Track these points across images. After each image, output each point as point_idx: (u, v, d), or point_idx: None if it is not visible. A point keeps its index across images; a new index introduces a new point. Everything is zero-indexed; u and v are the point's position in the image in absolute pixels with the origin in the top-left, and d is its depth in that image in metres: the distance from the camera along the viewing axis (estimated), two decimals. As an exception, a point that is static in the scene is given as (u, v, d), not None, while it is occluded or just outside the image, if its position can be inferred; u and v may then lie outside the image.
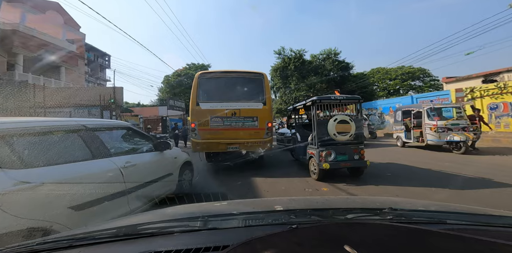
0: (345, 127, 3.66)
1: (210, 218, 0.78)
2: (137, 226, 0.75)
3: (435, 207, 0.99)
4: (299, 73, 22.51)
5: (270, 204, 1.13)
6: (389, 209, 0.79)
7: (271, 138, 4.76)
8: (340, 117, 3.71)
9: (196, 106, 4.58)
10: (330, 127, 3.65)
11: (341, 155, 3.65)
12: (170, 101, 14.90)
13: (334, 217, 0.81)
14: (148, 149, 2.67)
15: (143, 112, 21.10)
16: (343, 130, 3.65)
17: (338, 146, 3.69)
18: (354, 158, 3.68)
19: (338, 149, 3.66)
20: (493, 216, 0.82)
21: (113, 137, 2.51)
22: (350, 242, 0.46)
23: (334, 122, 3.63)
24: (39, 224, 1.28)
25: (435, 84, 22.42)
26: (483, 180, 3.54)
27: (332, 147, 3.65)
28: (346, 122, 3.66)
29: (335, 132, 3.62)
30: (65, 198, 1.47)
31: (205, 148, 4.73)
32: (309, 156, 4.01)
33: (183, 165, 3.17)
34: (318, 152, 3.62)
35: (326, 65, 23.01)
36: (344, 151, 3.67)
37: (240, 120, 4.57)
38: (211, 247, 0.54)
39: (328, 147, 3.64)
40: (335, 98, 3.87)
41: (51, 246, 0.61)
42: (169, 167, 2.82)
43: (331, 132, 3.64)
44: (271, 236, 0.54)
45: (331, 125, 3.64)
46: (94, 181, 1.71)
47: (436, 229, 0.55)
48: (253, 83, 4.89)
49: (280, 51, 23.78)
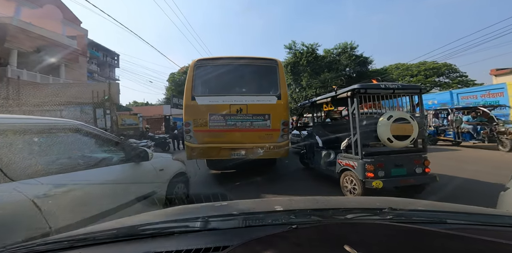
0: (404, 128, 2.70)
1: (210, 218, 0.79)
2: (137, 226, 0.76)
3: (434, 207, 1.00)
4: (312, 69, 21.39)
5: (270, 204, 1.14)
6: (389, 209, 0.80)
7: (288, 141, 3.81)
8: (397, 114, 2.73)
9: (191, 101, 3.70)
10: (383, 129, 2.67)
11: (397, 167, 2.72)
12: (174, 99, 14.08)
13: (334, 217, 0.81)
14: (117, 161, 1.97)
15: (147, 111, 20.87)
16: (401, 133, 2.69)
17: (392, 155, 2.80)
18: (415, 172, 2.75)
19: (393, 159, 2.75)
20: (492, 216, 0.84)
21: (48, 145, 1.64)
22: (350, 242, 0.46)
23: (388, 121, 2.65)
24: None
25: (464, 81, 21.11)
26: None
27: (384, 157, 2.74)
28: (405, 121, 2.70)
29: (390, 136, 2.65)
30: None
31: (202, 155, 3.84)
32: (341, 168, 3.05)
33: (174, 177, 2.46)
34: (362, 164, 2.66)
35: (341, 60, 21.84)
36: (401, 162, 2.74)
37: (247, 118, 3.70)
38: (211, 247, 0.55)
39: (378, 157, 2.71)
40: (387, 87, 2.80)
41: (52, 247, 0.62)
42: (149, 184, 2.12)
43: (384, 136, 2.67)
44: (270, 236, 0.55)
45: (384, 126, 2.66)
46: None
47: (436, 229, 0.56)
48: (264, 72, 3.98)
49: (291, 45, 22.45)
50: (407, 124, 2.70)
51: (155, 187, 2.16)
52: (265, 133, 3.71)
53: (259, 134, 3.70)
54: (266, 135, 3.71)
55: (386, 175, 2.66)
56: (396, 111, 2.90)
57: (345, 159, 3.02)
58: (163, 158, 2.55)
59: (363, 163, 2.66)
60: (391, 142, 2.67)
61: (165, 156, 2.71)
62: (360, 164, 2.69)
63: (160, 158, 2.45)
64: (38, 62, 13.82)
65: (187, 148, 3.80)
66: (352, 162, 2.84)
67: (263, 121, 3.71)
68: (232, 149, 3.72)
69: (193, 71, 3.81)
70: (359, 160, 2.72)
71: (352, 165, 2.82)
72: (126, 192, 1.82)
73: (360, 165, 2.69)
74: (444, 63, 21.59)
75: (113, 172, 1.84)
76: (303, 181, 4.04)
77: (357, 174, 2.73)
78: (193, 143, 3.71)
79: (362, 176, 2.66)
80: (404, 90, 2.95)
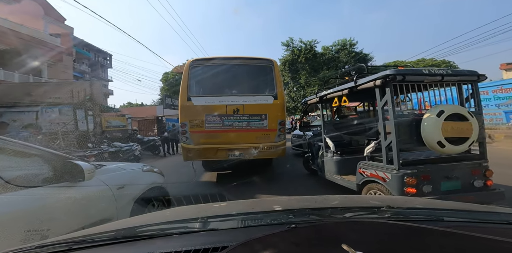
0: (461, 128, 2.05)
1: (208, 219, 0.80)
2: (136, 228, 0.77)
3: (432, 204, 1.02)
4: (310, 66, 21.15)
5: (269, 204, 1.15)
6: (387, 207, 0.81)
7: (285, 141, 3.87)
8: (450, 108, 2.08)
9: (187, 101, 3.73)
10: (431, 129, 2.01)
11: (448, 180, 2.10)
12: (167, 100, 13.55)
13: (332, 216, 0.83)
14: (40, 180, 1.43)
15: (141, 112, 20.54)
16: (456, 135, 2.04)
17: (441, 164, 2.17)
18: (474, 186, 2.13)
19: (443, 169, 2.12)
20: (490, 213, 0.85)
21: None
22: (348, 241, 0.47)
23: (438, 118, 1.99)
24: None
25: None
26: None
27: (431, 167, 2.11)
28: (462, 118, 2.06)
29: (442, 139, 1.98)
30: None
31: (199, 156, 3.85)
32: (364, 179, 2.45)
33: (143, 195, 1.95)
34: (400, 176, 2.04)
35: (340, 57, 21.63)
36: (454, 172, 2.12)
37: (244, 119, 3.74)
38: (210, 248, 0.56)
39: (422, 167, 2.08)
40: (433, 73, 2.13)
41: (50, 250, 0.63)
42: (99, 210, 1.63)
43: (432, 138, 2.00)
44: (269, 236, 0.56)
45: (433, 125, 2.01)
46: None
47: (433, 227, 0.57)
48: (260, 72, 4.06)
49: (289, 42, 22.09)
50: (464, 122, 2.04)
51: (111, 213, 1.66)
52: (262, 133, 3.75)
53: (256, 134, 3.74)
54: (263, 135, 3.75)
55: (435, 190, 2.03)
56: (447, 105, 2.24)
57: (370, 168, 2.38)
58: (125, 171, 2.02)
59: (400, 175, 2.03)
60: (443, 147, 1.99)
61: (129, 168, 2.14)
62: (396, 176, 2.06)
63: (121, 171, 1.98)
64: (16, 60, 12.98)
65: (183, 149, 3.80)
66: (382, 173, 2.21)
67: (260, 121, 3.76)
68: (229, 149, 3.75)
69: (188, 71, 3.84)
70: (393, 171, 2.08)
71: (382, 177, 2.20)
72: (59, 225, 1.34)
73: (395, 178, 2.06)
74: (443, 60, 21.62)
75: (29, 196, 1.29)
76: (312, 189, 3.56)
77: (390, 189, 2.13)
78: (190, 144, 3.72)
79: (398, 191, 2.05)
80: (457, 77, 2.21)
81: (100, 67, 27.82)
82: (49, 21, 17.25)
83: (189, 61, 3.98)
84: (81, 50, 23.18)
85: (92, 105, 9.10)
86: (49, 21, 17.30)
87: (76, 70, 22.22)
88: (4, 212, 1.15)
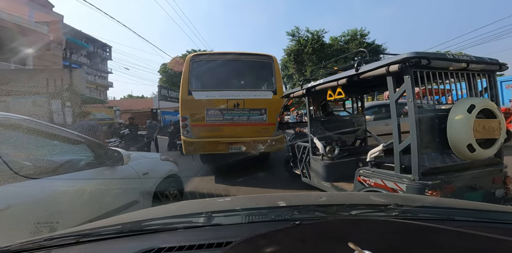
0: (490, 126, 1.75)
1: (213, 214, 0.81)
2: (141, 222, 0.79)
3: (441, 203, 1.01)
4: (318, 57, 20.30)
5: (274, 200, 1.16)
6: (395, 205, 0.81)
7: (284, 135, 4.01)
8: (481, 102, 1.75)
9: (188, 95, 3.89)
10: (460, 128, 1.68)
11: (472, 191, 1.81)
12: (163, 91, 12.87)
13: (338, 213, 0.83)
14: (84, 165, 1.67)
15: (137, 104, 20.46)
16: (486, 136, 1.74)
17: (464, 172, 1.82)
18: (496, 196, 1.86)
19: (466, 179, 1.81)
20: (502, 213, 0.84)
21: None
22: (354, 239, 0.47)
23: (470, 114, 1.66)
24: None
25: None
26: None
27: (455, 177, 1.77)
28: (491, 115, 1.78)
29: (473, 141, 1.66)
30: None
31: (200, 149, 4.01)
32: (366, 189, 2.09)
33: (163, 182, 2.17)
34: (419, 188, 1.67)
35: (350, 48, 20.66)
36: (477, 182, 1.81)
37: (244, 113, 3.93)
38: (214, 243, 0.57)
39: (445, 178, 1.72)
40: (458, 59, 1.79)
41: (58, 242, 0.66)
42: (130, 193, 1.84)
43: (462, 140, 1.68)
44: (274, 232, 0.57)
45: (463, 123, 1.67)
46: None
47: (443, 226, 0.56)
48: (260, 67, 4.29)
49: (294, 32, 21.26)
50: (493, 120, 1.74)
51: (138, 196, 1.87)
52: (261, 127, 3.95)
53: (256, 128, 3.94)
54: (262, 129, 3.95)
55: None
56: (474, 98, 1.85)
57: (375, 176, 1.98)
58: (148, 159, 2.28)
59: (420, 187, 1.65)
60: (473, 151, 1.66)
61: (151, 156, 2.44)
62: (415, 188, 1.67)
63: (145, 159, 2.21)
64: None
65: (184, 142, 3.94)
66: (392, 183, 1.83)
67: (260, 115, 3.96)
68: (229, 143, 3.92)
69: (189, 66, 3.97)
70: (412, 182, 1.69)
71: (393, 187, 1.82)
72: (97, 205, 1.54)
73: (413, 190, 1.68)
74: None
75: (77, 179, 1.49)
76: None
77: None
78: (191, 138, 3.87)
79: None
80: (481, 65, 1.87)
81: (99, 58, 27.86)
82: (34, 8, 16.51)
83: (190, 56, 4.11)
84: (79, 41, 23.12)
85: (71, 95, 8.30)
86: (35, 8, 16.56)
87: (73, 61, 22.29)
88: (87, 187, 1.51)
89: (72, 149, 1.76)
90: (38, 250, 0.63)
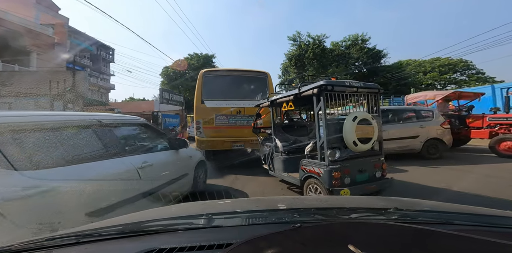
0: (366, 130, 2.67)
1: (214, 216, 0.82)
2: (142, 223, 0.80)
3: (441, 207, 1.01)
4: (319, 62, 20.64)
5: (274, 202, 1.17)
6: (394, 209, 0.82)
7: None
8: (361, 114, 2.63)
9: (201, 104, 4.97)
10: (349, 131, 2.54)
11: (360, 173, 2.64)
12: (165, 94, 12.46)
13: (338, 216, 0.83)
14: (163, 148, 2.59)
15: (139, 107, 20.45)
16: (363, 135, 2.65)
17: (356, 160, 2.67)
18: (376, 177, 2.73)
19: (357, 164, 2.65)
20: (499, 217, 0.84)
21: (127, 135, 2.44)
22: (354, 242, 0.48)
23: (353, 122, 2.55)
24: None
25: (483, 78, 20.56)
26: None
27: (350, 163, 2.59)
28: (366, 122, 2.68)
29: (356, 139, 2.54)
30: (81, 204, 1.37)
31: (210, 146, 5.04)
32: (305, 175, 2.84)
33: (198, 164, 3.08)
34: (329, 171, 2.48)
35: (351, 53, 21.03)
36: (364, 167, 2.67)
37: (245, 118, 4.96)
38: (214, 244, 0.58)
39: (343, 163, 2.54)
40: (351, 85, 2.66)
41: (59, 242, 0.66)
42: (185, 167, 2.75)
43: (350, 139, 2.53)
44: (274, 234, 0.57)
45: (350, 127, 2.54)
46: (111, 184, 1.64)
47: (442, 230, 0.57)
48: (257, 82, 5.34)
49: (296, 37, 21.70)
50: (368, 125, 2.71)
51: (188, 170, 2.82)
52: None
53: None
54: None
55: (352, 182, 2.56)
56: (359, 112, 2.75)
57: (309, 165, 2.77)
58: (190, 148, 3.22)
59: (329, 170, 2.47)
60: (356, 145, 2.56)
61: (191, 147, 3.34)
62: (327, 171, 2.49)
63: (189, 147, 3.13)
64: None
65: (198, 141, 5.06)
66: (317, 169, 2.63)
67: None
68: (233, 141, 4.95)
69: (201, 79, 5.09)
70: (325, 167, 2.51)
71: (318, 172, 2.62)
72: (175, 170, 2.50)
73: (326, 173, 2.50)
74: (460, 60, 20.90)
75: (167, 156, 2.55)
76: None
77: (323, 182, 2.55)
78: (203, 137, 4.97)
79: (328, 184, 2.49)
80: (367, 89, 2.79)
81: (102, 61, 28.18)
82: (41, 10, 16.87)
83: (202, 72, 5.22)
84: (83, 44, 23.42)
85: (73, 97, 8.56)
86: (41, 10, 16.91)
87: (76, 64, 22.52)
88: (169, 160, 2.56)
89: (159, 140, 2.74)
90: (39, 250, 0.63)
